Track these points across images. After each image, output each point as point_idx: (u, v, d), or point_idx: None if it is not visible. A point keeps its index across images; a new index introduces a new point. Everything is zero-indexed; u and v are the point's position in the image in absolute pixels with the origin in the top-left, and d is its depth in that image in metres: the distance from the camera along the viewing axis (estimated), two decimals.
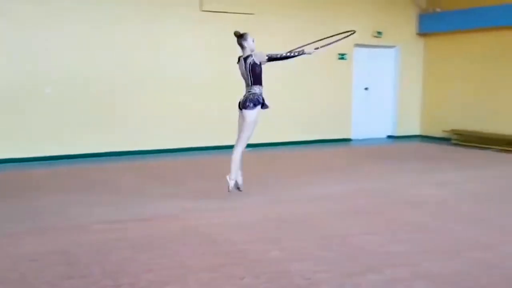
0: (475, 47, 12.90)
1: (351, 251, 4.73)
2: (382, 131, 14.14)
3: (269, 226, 5.52)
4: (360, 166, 9.37)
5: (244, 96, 6.34)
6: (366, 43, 13.18)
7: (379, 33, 13.30)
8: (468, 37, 13.00)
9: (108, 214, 5.98)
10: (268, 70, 6.69)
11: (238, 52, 6.50)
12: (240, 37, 6.33)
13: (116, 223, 5.58)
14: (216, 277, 4.08)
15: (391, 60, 13.98)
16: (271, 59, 6.20)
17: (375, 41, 13.38)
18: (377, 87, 13.84)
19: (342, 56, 12.86)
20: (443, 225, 5.60)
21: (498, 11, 11.91)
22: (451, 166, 9.44)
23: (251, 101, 6.20)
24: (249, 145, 6.66)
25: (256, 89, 6.26)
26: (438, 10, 13.52)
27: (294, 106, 12.24)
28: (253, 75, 6.22)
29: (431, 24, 13.66)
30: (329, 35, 6.91)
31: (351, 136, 13.32)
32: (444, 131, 13.35)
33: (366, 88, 13.65)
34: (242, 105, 6.27)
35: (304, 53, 6.37)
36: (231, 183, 6.40)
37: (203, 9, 10.96)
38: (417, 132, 14.41)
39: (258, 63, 6.21)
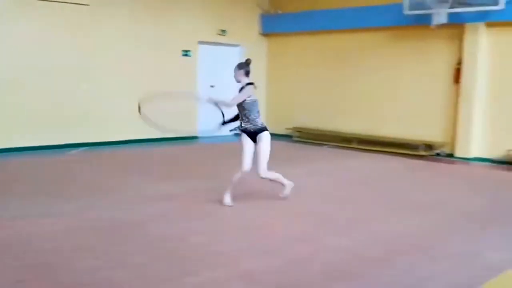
0: (315, 48, 13.55)
1: (172, 255, 4.53)
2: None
3: (83, 235, 5.10)
4: (194, 165, 9.23)
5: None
6: (210, 40, 13.18)
7: (223, 31, 13.38)
8: (308, 39, 13.63)
9: None
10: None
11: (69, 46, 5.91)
12: (247, 65, 6.40)
13: None
14: None
15: (236, 58, 14.08)
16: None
17: (220, 39, 13.42)
18: (223, 85, 13.88)
19: (186, 53, 12.69)
20: (273, 222, 5.65)
21: (335, 14, 12.62)
22: (285, 162, 9.71)
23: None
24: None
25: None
26: (279, 11, 13.97)
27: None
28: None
29: (273, 25, 14.09)
30: None
31: (198, 134, 13.20)
32: (287, 128, 13.84)
33: (212, 86, 13.64)
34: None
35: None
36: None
37: None
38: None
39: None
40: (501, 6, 9.40)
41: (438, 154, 11.29)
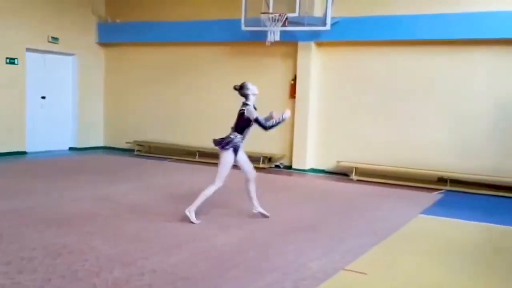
0: (154, 60, 13.23)
1: None
2: (63, 143, 13.26)
3: None
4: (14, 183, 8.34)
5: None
6: (40, 48, 12.16)
7: (55, 39, 12.42)
8: (147, 50, 13.27)
9: None
10: None
11: None
12: (240, 89, 6.40)
13: None
14: None
15: (70, 68, 13.24)
16: (256, 121, 6.28)
17: (51, 47, 12.44)
18: (56, 96, 12.91)
19: (12, 61, 11.53)
20: (82, 241, 5.14)
21: (176, 27, 12.43)
22: (122, 178, 9.25)
23: (227, 143, 6.24)
24: None
25: (234, 135, 6.32)
26: (118, 21, 13.41)
27: None
28: (237, 122, 6.34)
29: (110, 34, 13.46)
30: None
31: (27, 149, 12.05)
32: (127, 142, 13.29)
33: (43, 97, 12.58)
34: (217, 143, 6.32)
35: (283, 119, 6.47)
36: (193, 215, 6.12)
37: None
38: (102, 144, 14.03)
39: (246, 117, 6.25)
40: (327, 27, 10.04)
41: (277, 166, 11.68)
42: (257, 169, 11.40)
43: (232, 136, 6.31)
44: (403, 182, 9.92)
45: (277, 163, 11.76)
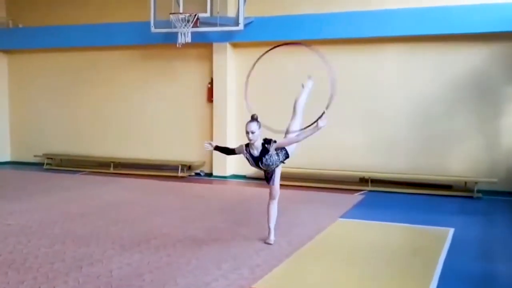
0: (61, 67, 12.37)
1: None
2: None
3: None
4: None
5: None
6: None
7: None
8: (53, 56, 12.38)
9: None
10: None
11: None
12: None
13: None
14: None
15: None
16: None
17: None
18: None
19: None
20: None
21: (82, 30, 11.64)
22: (21, 196, 8.38)
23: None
24: None
25: None
26: (20, 25, 12.43)
27: None
28: None
29: (13, 40, 12.43)
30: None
31: None
32: (36, 156, 12.32)
33: None
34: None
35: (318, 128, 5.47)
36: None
37: None
38: (8, 159, 12.96)
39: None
40: (241, 27, 9.65)
41: (198, 174, 11.16)
42: (175, 178, 11.01)
43: None
44: (325, 185, 9.69)
45: (197, 171, 11.24)
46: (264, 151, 5.37)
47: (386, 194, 9.06)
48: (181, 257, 5.05)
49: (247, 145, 5.50)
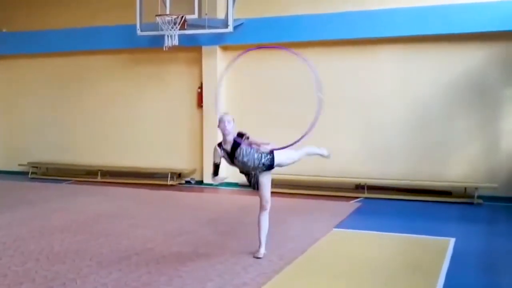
0: (47, 73, 12.00)
1: None
2: None
3: None
4: None
5: None
6: None
7: None
8: (39, 61, 12.00)
9: None
10: None
11: None
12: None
13: None
14: None
15: None
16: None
17: None
18: None
19: None
20: None
21: (68, 35, 11.27)
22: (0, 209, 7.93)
23: None
24: None
25: None
26: (4, 30, 12.07)
27: None
28: None
29: None
30: None
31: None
32: (20, 165, 11.92)
33: None
34: None
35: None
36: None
37: None
38: None
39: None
40: (230, 29, 9.30)
41: (188, 182, 10.79)
42: (165, 186, 10.62)
43: None
44: (320, 192, 9.34)
45: (188, 179, 10.86)
46: (235, 144, 5.17)
47: (383, 201, 8.71)
48: (162, 275, 4.67)
49: (219, 145, 5.33)
